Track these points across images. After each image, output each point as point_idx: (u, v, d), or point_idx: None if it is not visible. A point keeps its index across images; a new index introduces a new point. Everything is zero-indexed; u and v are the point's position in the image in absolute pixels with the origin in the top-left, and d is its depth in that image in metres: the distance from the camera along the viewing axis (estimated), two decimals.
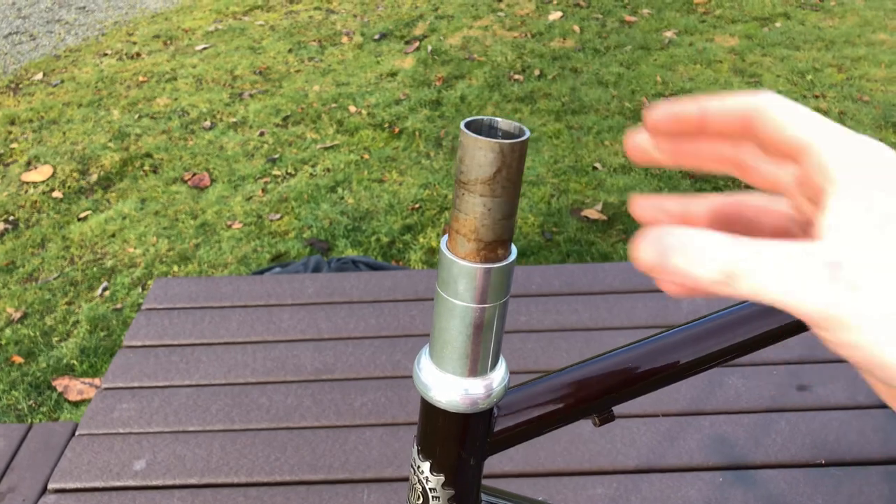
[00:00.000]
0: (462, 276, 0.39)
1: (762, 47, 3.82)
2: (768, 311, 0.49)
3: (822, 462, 1.06)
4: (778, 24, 4.09)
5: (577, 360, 1.22)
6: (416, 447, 0.46)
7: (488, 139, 0.35)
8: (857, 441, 1.09)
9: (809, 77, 3.49)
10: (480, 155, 0.35)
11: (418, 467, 0.45)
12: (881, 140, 2.89)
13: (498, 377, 0.42)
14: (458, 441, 0.43)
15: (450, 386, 0.41)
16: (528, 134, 0.36)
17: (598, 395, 0.45)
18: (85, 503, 1.04)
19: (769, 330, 0.49)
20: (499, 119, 0.38)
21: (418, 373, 0.42)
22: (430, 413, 0.43)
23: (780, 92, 3.33)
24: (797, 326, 0.48)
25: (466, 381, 0.41)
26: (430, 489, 0.45)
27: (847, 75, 3.49)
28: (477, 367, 0.41)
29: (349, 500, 1.04)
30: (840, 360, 1.22)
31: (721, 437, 1.10)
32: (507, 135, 0.38)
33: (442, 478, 0.44)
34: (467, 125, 0.37)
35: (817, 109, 3.18)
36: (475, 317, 0.40)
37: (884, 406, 1.14)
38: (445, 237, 0.39)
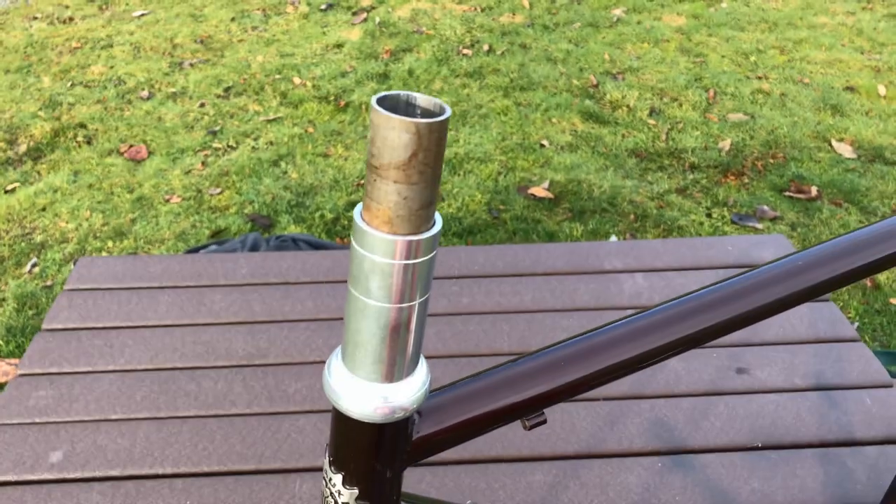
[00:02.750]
0: (375, 272, 0.35)
1: (708, 27, 3.84)
2: (708, 306, 0.47)
3: (758, 445, 1.07)
4: (724, 5, 4.12)
5: (519, 345, 1.20)
6: (327, 458, 0.42)
7: (402, 118, 0.31)
8: (793, 424, 1.09)
9: (753, 58, 3.52)
10: (394, 136, 0.31)
11: (330, 479, 0.42)
12: (819, 122, 2.94)
13: (418, 382, 0.39)
14: (372, 452, 0.40)
15: (363, 394, 0.38)
16: (448, 112, 0.32)
17: (527, 398, 0.42)
18: None
19: (708, 326, 0.46)
20: (417, 95, 0.34)
21: (328, 378, 0.39)
22: (342, 422, 0.39)
23: (724, 73, 3.36)
24: (731, 324, 0.46)
25: (382, 388, 0.38)
26: (343, 503, 0.42)
27: (789, 57, 3.54)
28: (394, 372, 0.38)
29: (280, 491, 1.00)
30: (779, 343, 1.23)
31: (660, 422, 1.09)
32: (427, 113, 0.34)
33: (356, 491, 0.41)
34: (381, 101, 0.33)
35: (760, 91, 3.22)
36: (391, 318, 0.36)
37: (819, 388, 1.15)
38: (356, 226, 0.35)
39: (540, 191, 2.59)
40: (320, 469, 1.03)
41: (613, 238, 2.35)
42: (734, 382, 1.17)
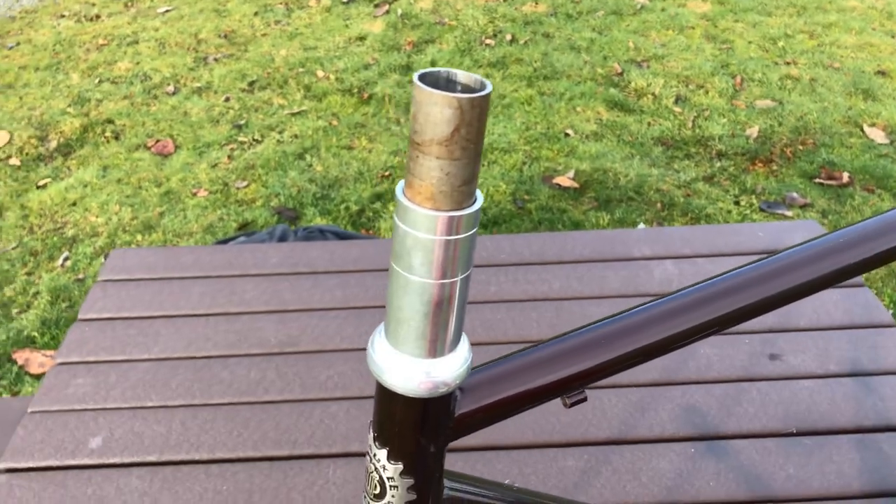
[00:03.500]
0: (417, 248, 0.35)
1: (734, 13, 3.79)
2: (742, 286, 0.47)
3: (793, 431, 1.06)
4: None
5: (548, 332, 1.20)
6: (371, 433, 0.42)
7: (445, 93, 0.31)
8: (829, 410, 1.08)
9: (781, 44, 3.47)
10: (436, 111, 0.32)
11: (374, 455, 0.42)
12: (850, 108, 2.89)
13: (460, 358, 0.39)
14: (416, 427, 0.40)
15: (407, 368, 0.38)
16: (489, 88, 0.32)
17: (568, 375, 0.42)
18: (38, 483, 1.00)
19: (743, 306, 0.46)
20: (458, 71, 0.34)
21: (372, 354, 0.39)
22: (386, 397, 0.40)
23: (751, 59, 3.32)
24: (765, 305, 0.46)
25: (425, 363, 0.38)
26: (388, 478, 0.42)
27: (818, 42, 3.48)
28: (436, 347, 0.38)
29: (314, 476, 1.01)
30: (812, 329, 1.22)
31: (692, 408, 1.09)
32: (467, 89, 0.34)
33: (400, 466, 0.41)
34: (422, 78, 0.33)
35: (788, 76, 3.17)
36: (434, 293, 0.36)
37: (854, 374, 1.14)
38: (398, 202, 0.36)
39: (565, 180, 2.58)
40: (353, 455, 1.04)
41: (642, 226, 2.34)
42: (767, 368, 1.16)
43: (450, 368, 0.38)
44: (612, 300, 1.28)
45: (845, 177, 2.53)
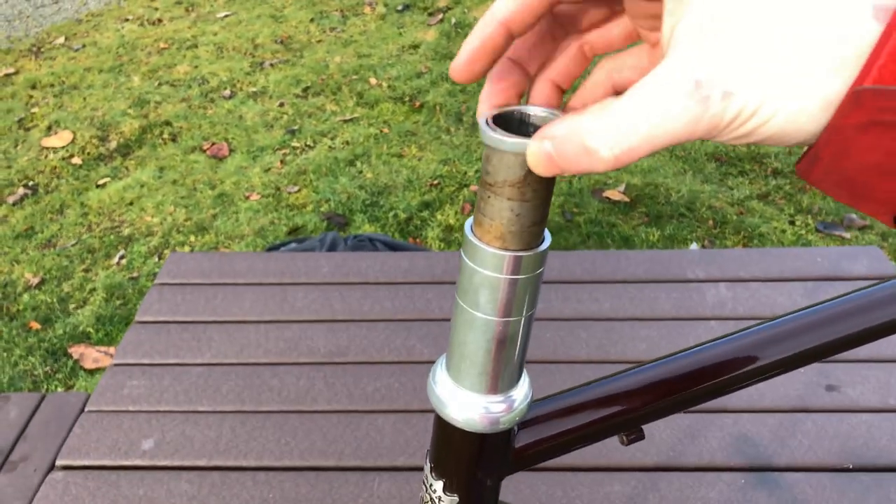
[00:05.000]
0: (485, 286, 0.35)
1: None
2: (810, 327, 0.46)
3: (849, 467, 1.03)
4: None
5: (597, 353, 1.18)
6: (428, 464, 0.42)
7: (516, 140, 0.31)
8: (888, 446, 1.05)
9: None
10: (509, 156, 0.32)
11: (430, 486, 0.42)
12: None
13: (520, 395, 0.39)
14: (474, 461, 0.40)
15: (467, 403, 0.38)
16: None
17: (627, 413, 0.42)
18: (93, 481, 1.03)
19: (810, 347, 0.45)
20: (530, 109, 0.34)
21: (433, 387, 0.39)
22: (445, 430, 0.40)
23: None
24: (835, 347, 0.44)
25: (485, 399, 0.38)
26: None
27: None
28: (498, 384, 0.38)
29: (359, 488, 1.02)
30: (872, 361, 1.18)
31: (744, 437, 1.06)
32: (542, 123, 0.34)
33: (456, 498, 0.41)
34: (494, 119, 0.33)
35: None
36: (498, 331, 0.36)
37: None
38: (467, 240, 0.36)
39: (615, 194, 2.55)
40: (399, 469, 1.05)
41: (694, 246, 2.30)
42: (823, 400, 1.12)
43: (510, 404, 0.38)
44: (664, 322, 1.26)
45: None
